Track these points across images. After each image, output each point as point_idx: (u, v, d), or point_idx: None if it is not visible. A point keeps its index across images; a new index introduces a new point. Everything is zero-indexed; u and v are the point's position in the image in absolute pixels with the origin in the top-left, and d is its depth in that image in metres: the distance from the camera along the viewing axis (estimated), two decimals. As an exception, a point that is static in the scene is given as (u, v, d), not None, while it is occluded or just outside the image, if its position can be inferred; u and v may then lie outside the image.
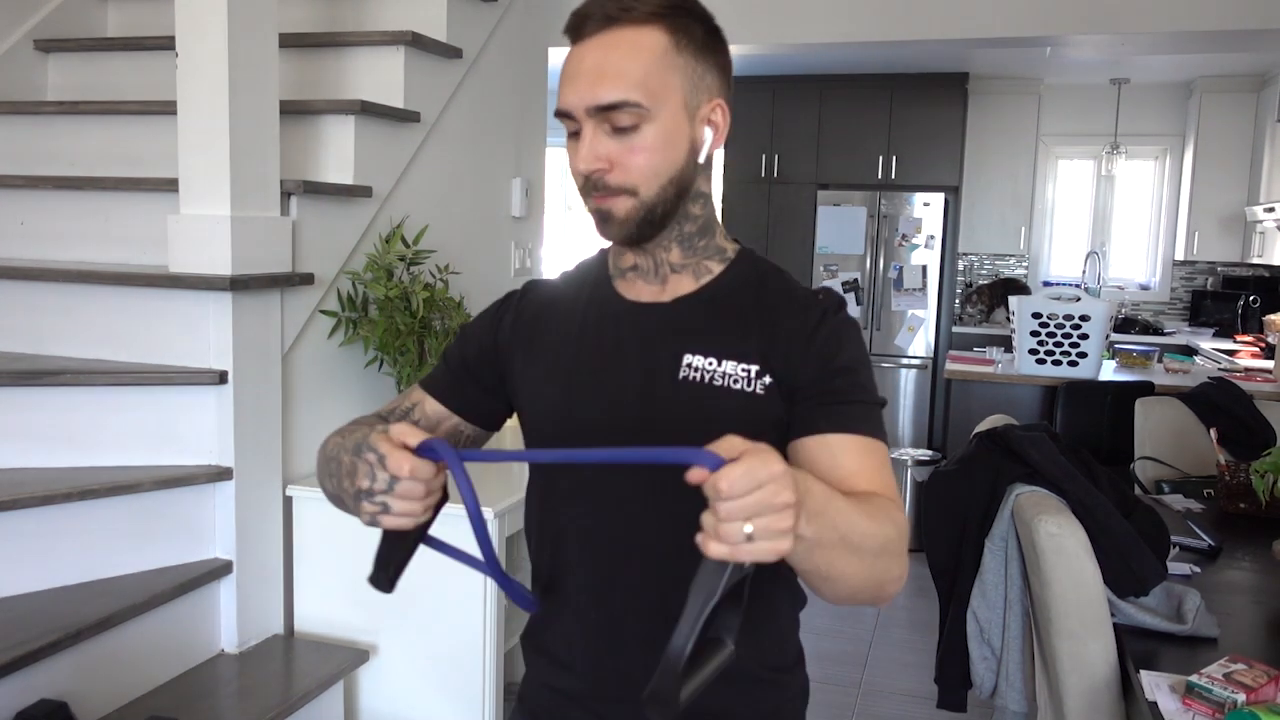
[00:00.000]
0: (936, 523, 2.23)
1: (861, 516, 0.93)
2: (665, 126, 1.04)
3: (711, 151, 1.08)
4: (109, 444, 2.21)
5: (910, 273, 6.39)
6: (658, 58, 1.03)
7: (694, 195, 1.10)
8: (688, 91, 1.05)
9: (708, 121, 1.07)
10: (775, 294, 1.11)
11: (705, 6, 1.08)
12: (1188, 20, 3.61)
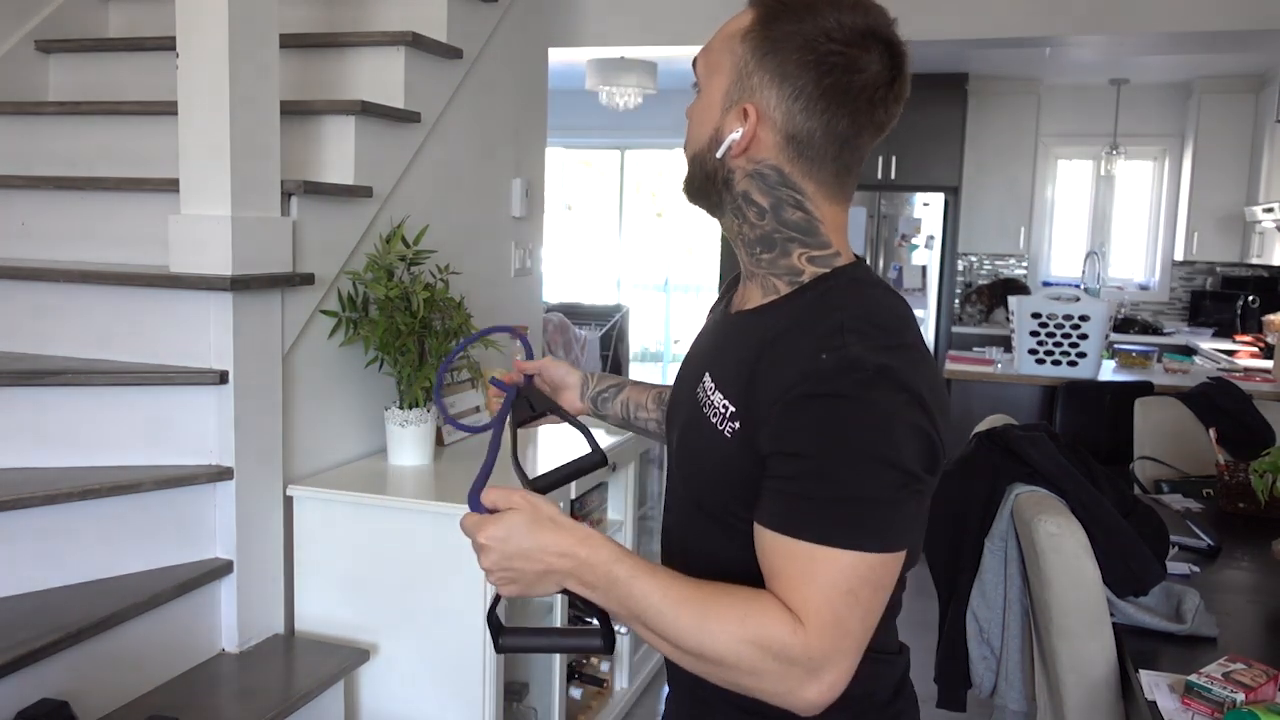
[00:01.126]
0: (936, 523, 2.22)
1: (683, 616, 0.92)
2: (704, 101, 1.07)
3: (732, 152, 1.05)
4: (109, 444, 2.21)
5: (910, 273, 6.39)
6: (727, 37, 1.05)
7: (743, 197, 1.07)
8: (731, 80, 1.04)
9: (739, 119, 1.03)
10: (795, 334, 1.00)
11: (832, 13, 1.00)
12: (1187, 20, 3.61)
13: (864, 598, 0.92)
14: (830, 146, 1.03)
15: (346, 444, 2.61)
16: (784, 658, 0.91)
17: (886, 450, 0.92)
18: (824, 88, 1.00)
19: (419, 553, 2.29)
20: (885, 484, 0.92)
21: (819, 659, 0.91)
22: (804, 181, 1.04)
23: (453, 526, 2.25)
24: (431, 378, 2.48)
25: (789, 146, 1.03)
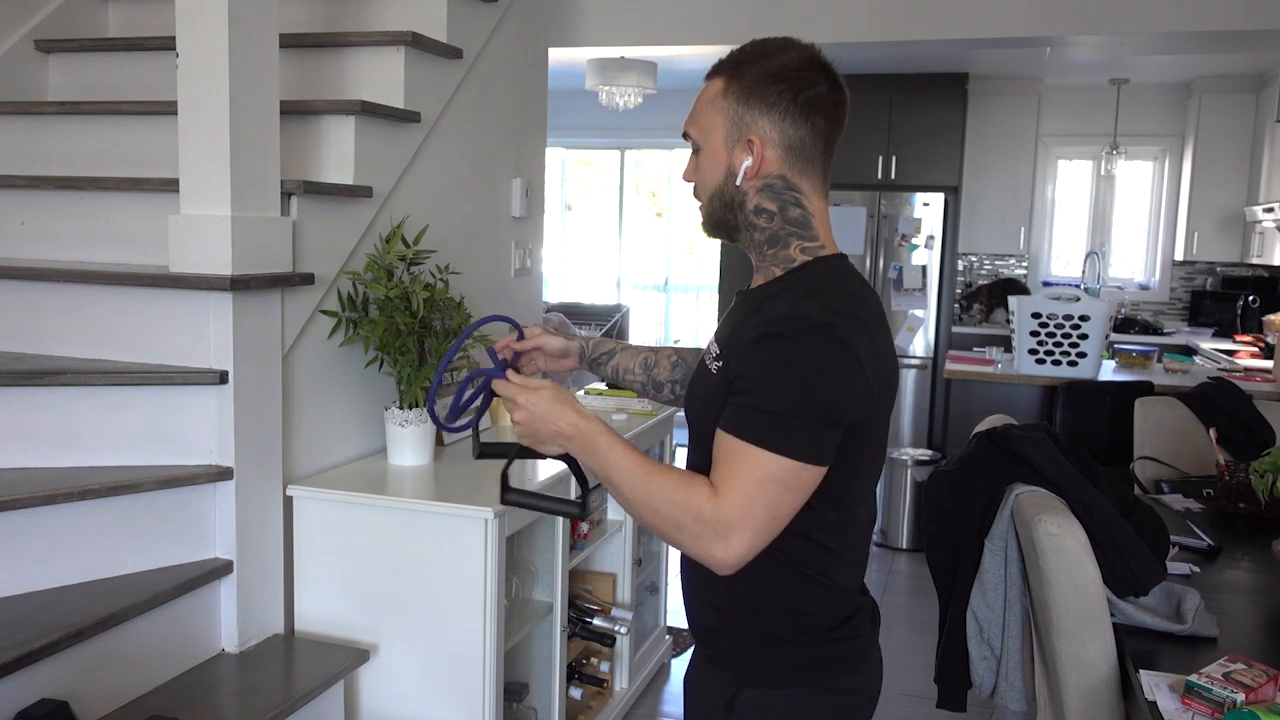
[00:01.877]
0: (936, 523, 2.23)
1: (633, 474, 1.28)
2: (709, 154, 1.37)
3: (748, 176, 1.33)
4: (109, 444, 2.21)
5: (910, 273, 6.39)
6: (709, 101, 1.37)
7: (754, 210, 1.36)
8: (728, 128, 1.34)
9: (746, 150, 1.32)
10: (771, 301, 1.31)
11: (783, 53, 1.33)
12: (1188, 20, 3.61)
13: (772, 491, 1.21)
14: (817, 144, 1.34)
15: (346, 444, 2.61)
16: (700, 519, 1.22)
17: (813, 383, 1.21)
18: (800, 102, 1.31)
19: (419, 553, 2.29)
20: (808, 408, 1.21)
21: (726, 525, 1.21)
22: (801, 180, 1.35)
23: (453, 527, 2.25)
24: (431, 377, 2.48)
25: (789, 155, 1.33)
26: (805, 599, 1.36)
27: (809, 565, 1.34)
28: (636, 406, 3.16)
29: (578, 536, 2.73)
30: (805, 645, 1.38)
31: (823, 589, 1.36)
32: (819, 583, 1.35)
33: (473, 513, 2.22)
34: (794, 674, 1.38)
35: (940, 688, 2.24)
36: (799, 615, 1.36)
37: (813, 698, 1.39)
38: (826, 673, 1.40)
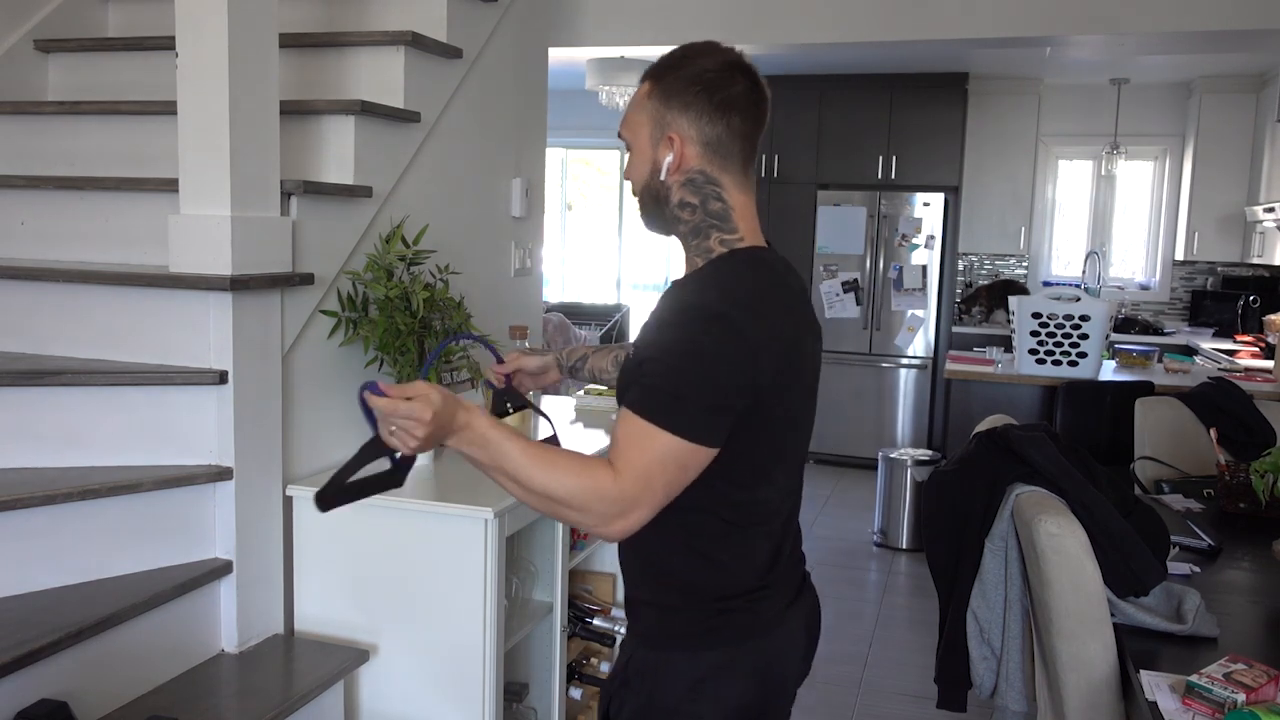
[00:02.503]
0: (936, 523, 2.23)
1: (530, 463, 1.31)
2: (637, 152, 1.49)
3: (670, 171, 1.45)
4: (109, 444, 2.20)
5: (910, 273, 6.39)
6: (637, 104, 1.48)
7: (679, 204, 1.47)
8: (651, 127, 1.46)
9: (667, 147, 1.44)
10: (682, 289, 1.44)
11: (703, 59, 1.44)
12: (1188, 20, 3.61)
13: (670, 469, 1.31)
14: (734, 141, 1.47)
15: (346, 444, 2.61)
16: (604, 498, 1.29)
17: (707, 370, 1.31)
18: (716, 101, 1.43)
19: (419, 553, 2.29)
20: (702, 393, 1.30)
21: (629, 502, 1.30)
22: (721, 175, 1.47)
23: (453, 527, 2.25)
24: (432, 378, 2.48)
25: (707, 151, 1.45)
26: (699, 572, 1.46)
27: (709, 541, 1.44)
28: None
29: (578, 536, 2.73)
30: (695, 614, 1.47)
31: (718, 564, 1.45)
32: (715, 558, 1.45)
33: (473, 513, 2.22)
34: (679, 639, 1.48)
35: (940, 688, 2.24)
36: (691, 587, 1.46)
37: (696, 663, 1.46)
38: (714, 642, 1.47)
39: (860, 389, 6.59)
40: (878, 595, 4.28)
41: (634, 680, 1.50)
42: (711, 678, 1.46)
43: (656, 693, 1.48)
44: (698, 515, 1.41)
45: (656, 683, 1.48)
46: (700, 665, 1.46)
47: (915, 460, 4.90)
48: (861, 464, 6.52)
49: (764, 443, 1.42)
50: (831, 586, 4.37)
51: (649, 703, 1.48)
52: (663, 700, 1.47)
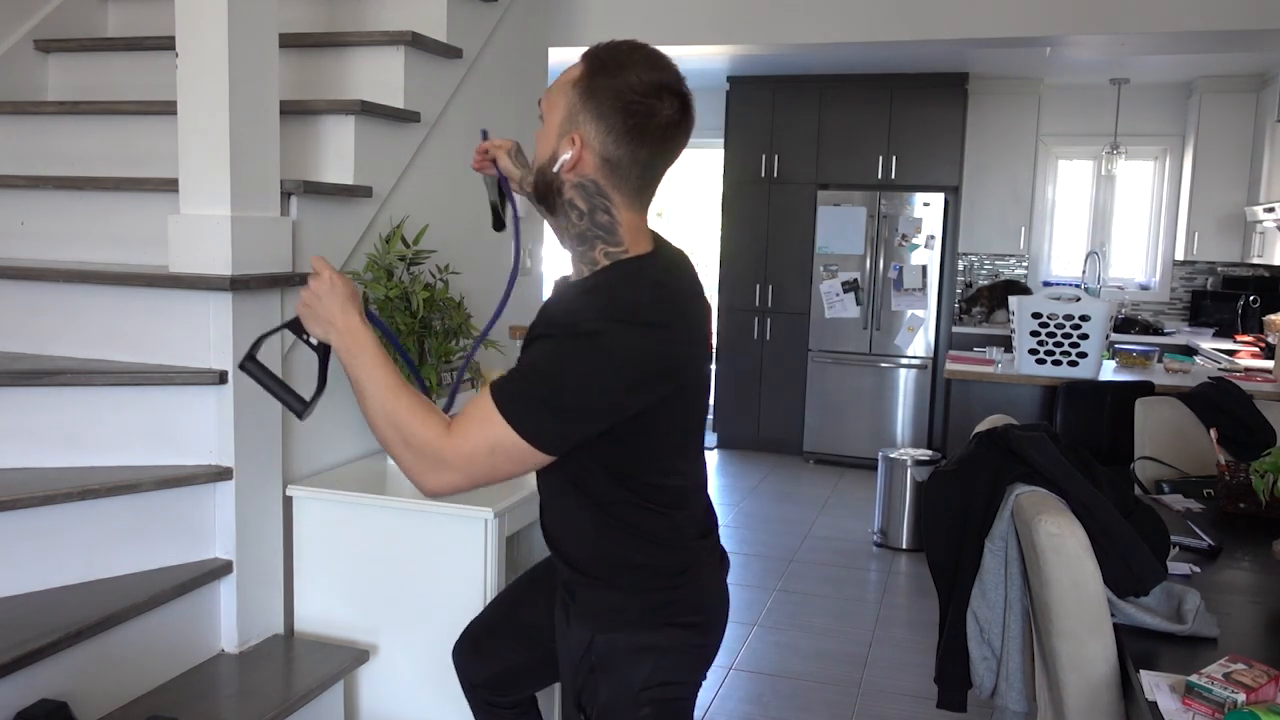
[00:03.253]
0: (936, 523, 2.23)
1: (387, 387, 1.44)
2: (545, 131, 1.47)
3: (565, 168, 1.44)
4: (109, 444, 2.21)
5: (910, 273, 6.39)
6: (564, 83, 1.45)
7: (568, 202, 1.48)
8: (564, 115, 1.44)
9: (569, 144, 1.43)
10: (563, 297, 1.50)
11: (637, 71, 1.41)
12: (1188, 20, 3.61)
13: (498, 457, 1.38)
14: (634, 169, 1.44)
15: (346, 444, 2.61)
16: (427, 447, 1.40)
17: (569, 384, 1.37)
18: (629, 126, 1.41)
19: (419, 553, 2.29)
20: (558, 403, 1.37)
21: (446, 465, 1.39)
22: (613, 193, 1.46)
23: (453, 527, 2.25)
24: (432, 378, 2.47)
25: (604, 166, 1.44)
26: (643, 556, 1.55)
27: (642, 529, 1.53)
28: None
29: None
30: (648, 594, 1.56)
31: (656, 546, 1.55)
32: (651, 541, 1.54)
33: (473, 513, 2.22)
34: (639, 619, 1.57)
35: (940, 688, 2.24)
36: (639, 569, 1.56)
37: (658, 638, 1.57)
38: (669, 616, 1.57)
39: (860, 389, 6.59)
40: (878, 595, 4.28)
41: (603, 666, 1.57)
42: (672, 651, 1.58)
43: (630, 674, 1.57)
44: (627, 507, 1.51)
45: (627, 665, 1.57)
46: (660, 641, 1.57)
47: (915, 460, 4.90)
48: (861, 464, 6.52)
49: (661, 443, 1.50)
50: (831, 586, 4.38)
51: (625, 684, 1.57)
52: (634, 679, 1.56)
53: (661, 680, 1.59)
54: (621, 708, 1.59)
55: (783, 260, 6.79)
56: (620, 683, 1.58)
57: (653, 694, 1.58)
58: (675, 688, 1.62)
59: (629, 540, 1.55)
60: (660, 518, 1.55)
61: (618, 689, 1.58)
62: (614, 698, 1.58)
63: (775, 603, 4.14)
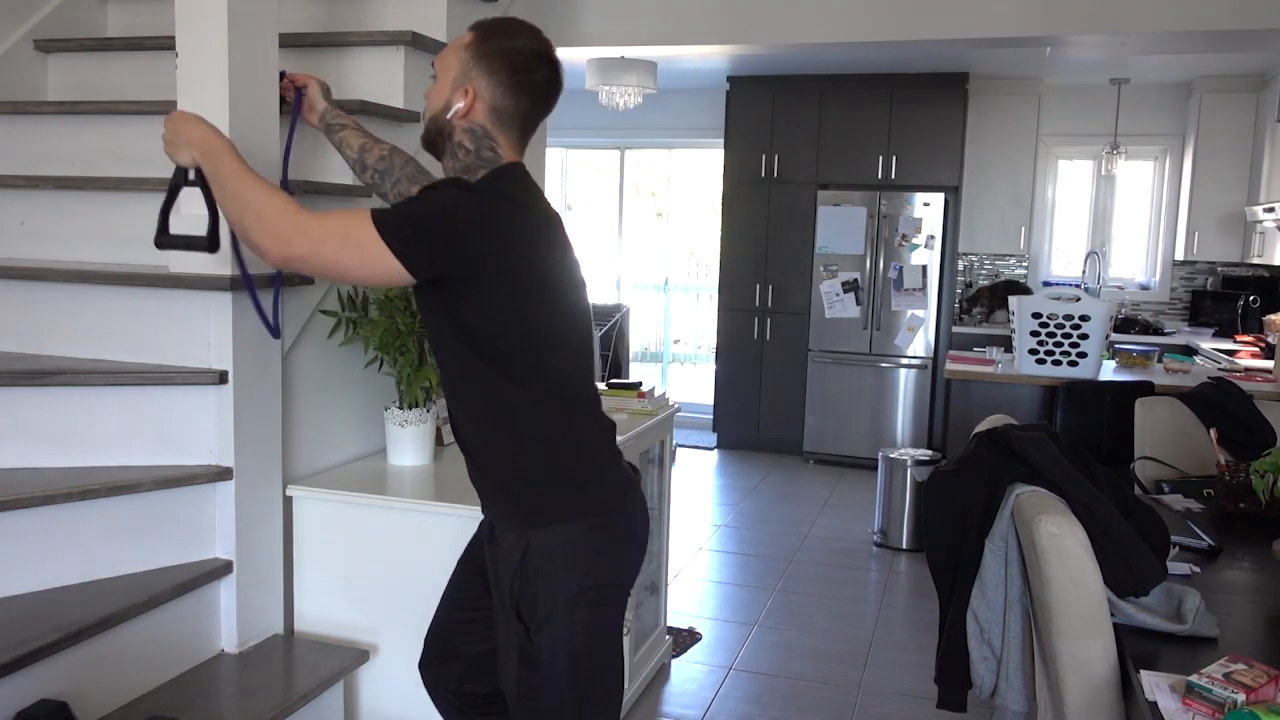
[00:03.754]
0: (936, 523, 2.23)
1: (245, 177, 1.70)
2: (439, 87, 1.77)
3: (458, 116, 1.73)
4: (109, 444, 2.21)
5: (910, 273, 6.39)
6: (456, 48, 1.76)
7: (457, 144, 1.76)
8: (457, 74, 1.74)
9: (462, 96, 1.73)
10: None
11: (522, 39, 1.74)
12: (1188, 20, 3.61)
13: (348, 242, 1.59)
14: (517, 116, 1.76)
15: (346, 444, 2.61)
16: (285, 220, 1.62)
17: (439, 211, 1.63)
18: (515, 81, 1.73)
19: (419, 553, 2.29)
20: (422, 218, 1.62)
21: (296, 236, 1.61)
22: (499, 136, 1.76)
23: (453, 526, 2.25)
24: (432, 378, 2.47)
25: (493, 114, 1.74)
26: (544, 454, 1.72)
27: (545, 417, 1.71)
28: (636, 406, 3.16)
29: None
30: (565, 487, 1.73)
31: (563, 435, 1.73)
32: (561, 427, 1.73)
33: (473, 513, 2.22)
34: (560, 513, 1.72)
35: (940, 688, 2.24)
36: (553, 459, 1.72)
37: (584, 535, 1.72)
38: (588, 510, 1.73)
39: (860, 389, 6.59)
40: (878, 595, 4.28)
41: (542, 568, 1.71)
42: (603, 554, 1.74)
43: (564, 578, 1.70)
44: (523, 404, 1.69)
45: (562, 566, 1.71)
46: (587, 540, 1.72)
47: (915, 460, 4.90)
48: (861, 464, 6.52)
49: (537, 314, 1.68)
50: (831, 587, 4.38)
51: (561, 588, 1.70)
52: (569, 583, 1.70)
53: (595, 584, 1.73)
54: (560, 612, 1.70)
55: (783, 260, 6.79)
56: (556, 587, 1.70)
57: (588, 598, 1.72)
58: (608, 591, 1.76)
59: (531, 439, 1.71)
60: (558, 408, 1.72)
61: (554, 593, 1.70)
62: (551, 602, 1.70)
63: (775, 603, 4.14)
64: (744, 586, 4.35)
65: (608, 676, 1.80)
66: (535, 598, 1.71)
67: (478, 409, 1.74)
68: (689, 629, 3.83)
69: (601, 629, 1.76)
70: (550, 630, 1.71)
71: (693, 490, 5.96)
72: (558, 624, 1.71)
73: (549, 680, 1.73)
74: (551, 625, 1.71)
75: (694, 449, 7.01)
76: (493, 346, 1.66)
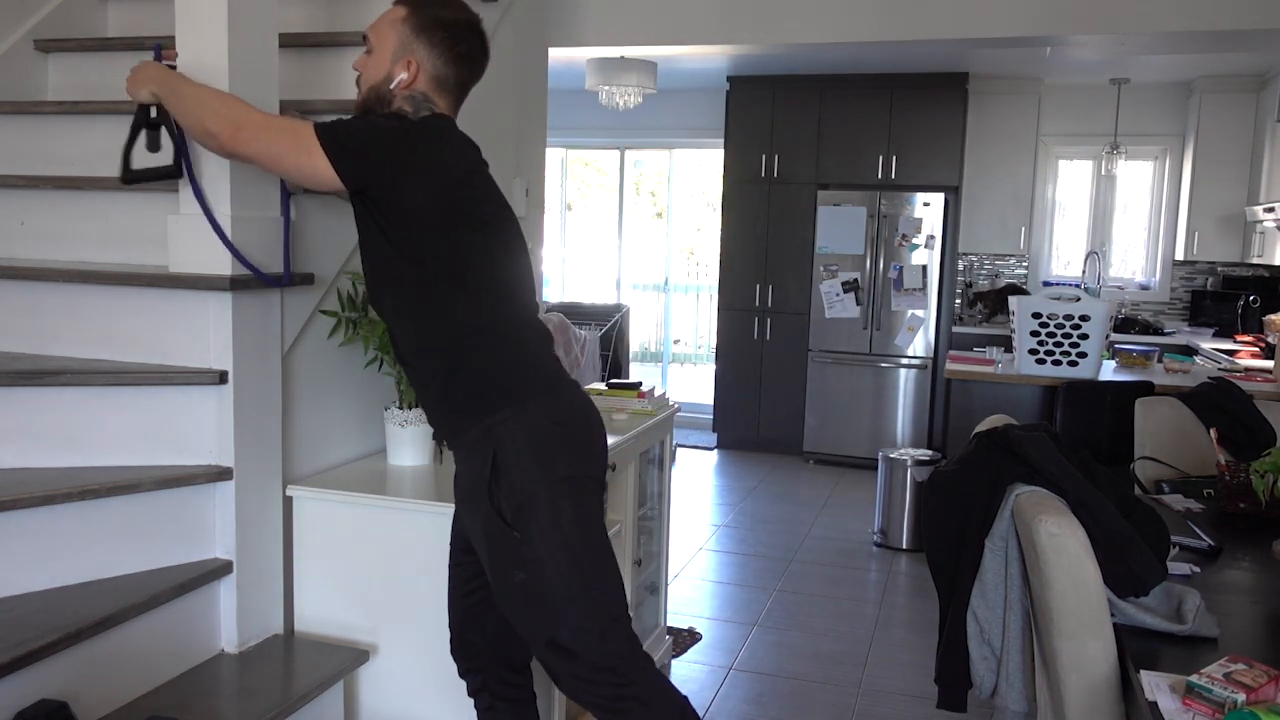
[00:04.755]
0: (936, 523, 2.23)
1: (205, 89, 1.92)
2: (377, 59, 1.90)
3: (400, 86, 1.88)
4: (109, 444, 2.20)
5: (910, 273, 6.39)
6: (390, 21, 1.90)
7: (395, 110, 1.88)
8: (396, 46, 1.89)
9: (405, 67, 1.88)
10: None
11: (453, 10, 1.92)
12: (1188, 20, 3.61)
13: (291, 138, 1.78)
14: (456, 84, 1.93)
15: (346, 444, 2.61)
16: (237, 113, 1.83)
17: (374, 130, 1.83)
18: (455, 52, 1.90)
19: (419, 553, 2.29)
20: (353, 129, 1.83)
21: (247, 126, 1.82)
22: (438, 101, 1.92)
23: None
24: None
25: (433, 82, 1.90)
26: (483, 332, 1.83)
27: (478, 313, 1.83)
28: (636, 406, 3.16)
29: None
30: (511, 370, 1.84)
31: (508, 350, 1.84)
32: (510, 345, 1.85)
33: (473, 513, 2.22)
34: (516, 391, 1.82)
35: (940, 688, 2.24)
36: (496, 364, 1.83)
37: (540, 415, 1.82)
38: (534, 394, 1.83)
39: (860, 389, 6.59)
40: (878, 595, 4.28)
41: (514, 462, 1.78)
42: (562, 433, 1.82)
43: (537, 462, 1.78)
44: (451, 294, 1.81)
45: (530, 456, 1.79)
46: (548, 425, 1.81)
47: (915, 460, 4.90)
48: (861, 464, 6.52)
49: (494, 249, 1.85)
50: (831, 586, 4.38)
51: (538, 472, 1.78)
52: (542, 465, 1.78)
53: (566, 474, 1.80)
54: (541, 503, 1.77)
55: (783, 260, 6.79)
56: (532, 478, 1.78)
57: (564, 488, 1.79)
58: (582, 481, 1.83)
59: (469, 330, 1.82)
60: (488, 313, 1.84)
61: (532, 483, 1.78)
62: (531, 492, 1.77)
63: (775, 603, 4.14)
64: (744, 586, 4.35)
65: (605, 558, 1.85)
66: (516, 499, 1.78)
67: (418, 318, 1.85)
68: (689, 629, 3.83)
69: (586, 514, 1.83)
70: (538, 523, 1.78)
71: (693, 490, 5.96)
72: (542, 515, 1.78)
73: (551, 572, 1.78)
74: (537, 518, 1.78)
75: (694, 449, 7.01)
76: (416, 256, 1.80)
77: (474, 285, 1.83)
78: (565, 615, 1.80)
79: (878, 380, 6.56)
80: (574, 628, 1.80)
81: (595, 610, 1.81)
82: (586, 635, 1.80)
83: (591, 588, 1.80)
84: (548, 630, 1.82)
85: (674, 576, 4.37)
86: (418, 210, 1.79)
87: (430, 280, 1.81)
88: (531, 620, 1.84)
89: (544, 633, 1.83)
